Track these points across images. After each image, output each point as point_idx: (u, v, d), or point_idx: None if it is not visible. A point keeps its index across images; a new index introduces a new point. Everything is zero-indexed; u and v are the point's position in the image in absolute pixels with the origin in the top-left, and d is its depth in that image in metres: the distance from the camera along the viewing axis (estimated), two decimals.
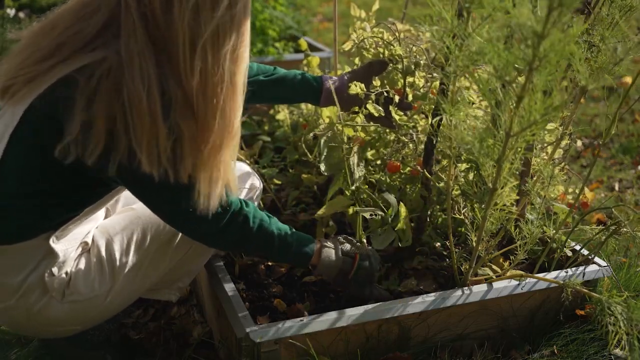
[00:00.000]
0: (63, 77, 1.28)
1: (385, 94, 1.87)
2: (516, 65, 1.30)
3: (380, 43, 2.00)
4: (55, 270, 1.47)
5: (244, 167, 1.85)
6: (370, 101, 1.86)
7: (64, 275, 1.49)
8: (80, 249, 1.54)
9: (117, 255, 1.55)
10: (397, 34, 1.95)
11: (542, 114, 1.31)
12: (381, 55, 1.97)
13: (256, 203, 1.83)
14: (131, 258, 1.57)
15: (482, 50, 1.32)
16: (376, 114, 1.92)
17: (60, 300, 1.49)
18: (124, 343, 1.84)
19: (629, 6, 1.62)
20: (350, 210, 2.02)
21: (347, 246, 1.71)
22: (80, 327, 1.58)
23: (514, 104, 1.33)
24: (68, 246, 1.50)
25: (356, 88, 1.80)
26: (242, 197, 1.76)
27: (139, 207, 1.64)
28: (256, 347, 1.56)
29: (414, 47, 1.94)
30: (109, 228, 1.61)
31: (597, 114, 3.71)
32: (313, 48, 3.77)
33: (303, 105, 2.57)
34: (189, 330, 1.87)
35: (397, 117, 1.92)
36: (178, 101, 1.28)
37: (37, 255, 1.45)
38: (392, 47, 1.95)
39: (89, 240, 1.57)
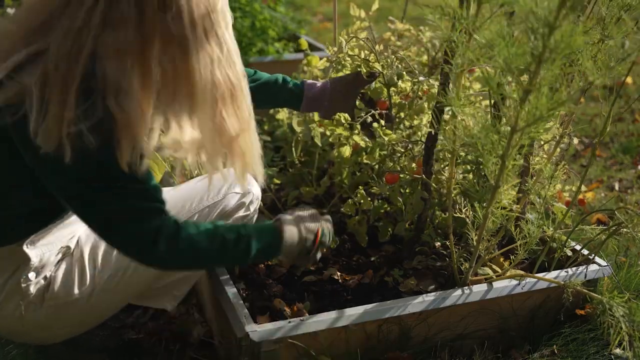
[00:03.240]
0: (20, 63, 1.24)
1: (370, 116, 1.89)
2: (520, 64, 1.29)
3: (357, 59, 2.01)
4: (32, 275, 1.46)
5: None
6: (357, 125, 1.88)
7: (42, 281, 1.48)
8: (61, 253, 1.53)
9: (100, 258, 1.53)
10: (375, 48, 1.96)
11: (549, 109, 1.29)
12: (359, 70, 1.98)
13: (253, 210, 1.72)
14: (115, 261, 1.54)
15: (492, 42, 1.30)
16: (363, 145, 1.97)
17: (40, 305, 1.48)
18: (123, 343, 1.84)
19: (628, 5, 1.62)
20: (353, 221, 2.03)
21: (311, 224, 1.56)
22: (68, 331, 1.56)
23: (521, 99, 1.32)
24: (45, 250, 1.48)
25: (340, 119, 1.82)
26: (233, 203, 1.68)
27: None
28: (256, 347, 1.56)
29: (394, 57, 1.95)
30: None
31: (597, 113, 3.70)
32: (313, 48, 3.77)
33: None
34: (189, 330, 1.87)
35: (385, 138, 1.93)
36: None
37: (13, 261, 1.45)
38: (369, 62, 1.96)
39: (72, 245, 1.56)
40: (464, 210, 1.76)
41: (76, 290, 1.50)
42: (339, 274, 1.95)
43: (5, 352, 1.72)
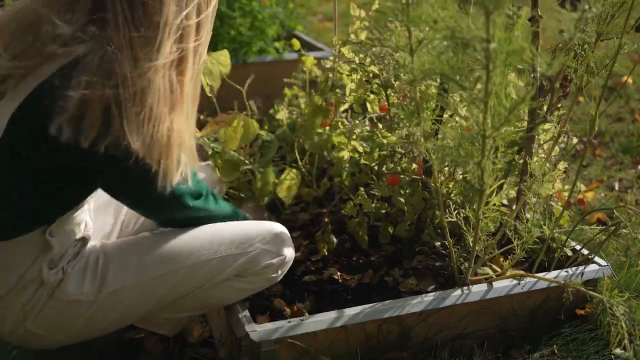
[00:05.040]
0: (56, 72, 1.30)
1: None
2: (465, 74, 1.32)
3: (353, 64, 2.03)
4: (52, 264, 1.47)
5: (276, 226, 1.68)
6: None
7: (60, 272, 1.48)
8: (78, 245, 1.53)
9: (111, 272, 1.52)
10: (371, 52, 1.98)
11: (510, 110, 1.33)
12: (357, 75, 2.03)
13: (280, 273, 1.67)
14: (123, 279, 1.52)
15: (433, 65, 1.34)
16: (360, 150, 2.07)
17: (50, 296, 1.48)
18: (123, 343, 1.84)
19: (621, 2, 1.62)
20: (353, 222, 2.03)
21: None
22: (64, 338, 1.55)
23: (482, 108, 1.35)
24: (63, 240, 1.49)
25: None
26: (261, 263, 1.61)
27: (156, 234, 1.61)
28: (256, 347, 1.56)
29: (392, 58, 1.96)
30: (118, 244, 1.58)
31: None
32: (313, 47, 3.77)
33: (303, 105, 2.57)
34: (189, 330, 1.87)
35: (384, 140, 1.94)
36: (157, 88, 1.32)
37: (35, 249, 1.45)
38: (365, 66, 1.97)
39: (91, 241, 1.57)
40: (454, 213, 1.76)
41: (84, 291, 1.50)
42: (339, 273, 1.95)
43: (6, 352, 1.73)
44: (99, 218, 1.75)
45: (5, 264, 1.44)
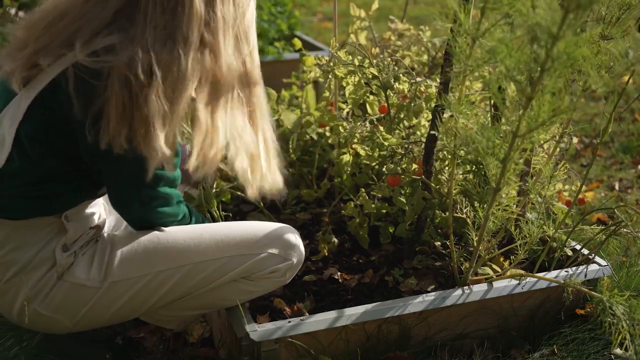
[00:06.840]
0: (79, 60, 1.34)
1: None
2: (522, 67, 1.30)
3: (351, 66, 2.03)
4: (65, 247, 1.50)
5: (286, 230, 1.65)
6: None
7: (72, 256, 1.51)
8: (91, 233, 1.55)
9: (117, 263, 1.53)
10: (370, 51, 1.99)
11: (550, 115, 1.31)
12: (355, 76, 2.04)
13: (288, 276, 1.64)
14: (128, 271, 1.53)
15: (495, 49, 1.32)
16: (362, 154, 2.05)
17: (59, 277, 1.50)
18: (124, 342, 1.84)
19: (628, 4, 1.62)
20: (354, 223, 2.03)
21: None
22: (69, 323, 1.56)
23: (523, 105, 1.33)
24: (78, 226, 1.52)
25: None
26: (268, 267, 1.59)
27: (164, 229, 1.60)
28: (256, 347, 1.56)
29: (390, 59, 1.96)
30: (126, 236, 1.58)
31: (597, 113, 3.71)
32: (313, 47, 3.77)
33: (303, 105, 2.57)
34: (189, 330, 1.87)
35: (385, 142, 1.94)
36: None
37: (50, 231, 1.49)
38: (364, 68, 1.97)
39: (101, 226, 1.59)
40: (464, 211, 1.76)
41: (90, 277, 1.52)
42: (339, 273, 1.95)
43: (6, 348, 1.73)
44: (113, 210, 1.76)
45: (21, 242, 1.48)
